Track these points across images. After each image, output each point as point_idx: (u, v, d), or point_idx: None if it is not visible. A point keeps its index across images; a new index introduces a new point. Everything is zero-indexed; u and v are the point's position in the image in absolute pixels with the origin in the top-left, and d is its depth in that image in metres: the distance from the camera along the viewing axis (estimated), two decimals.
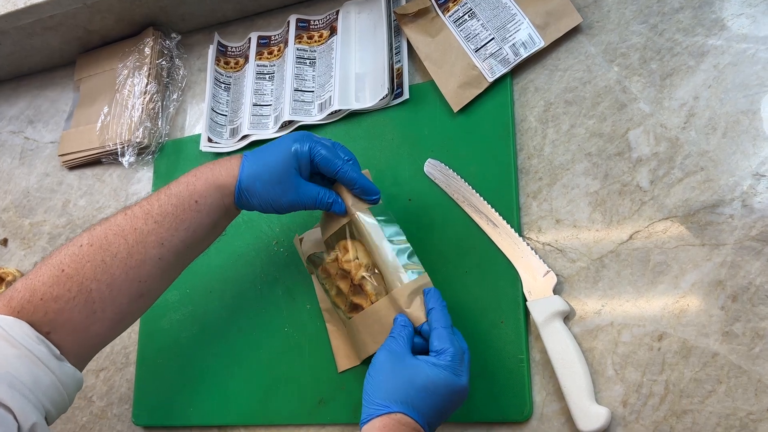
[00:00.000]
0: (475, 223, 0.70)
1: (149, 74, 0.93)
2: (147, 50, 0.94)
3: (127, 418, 0.83)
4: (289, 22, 0.88)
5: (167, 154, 0.92)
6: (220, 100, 0.89)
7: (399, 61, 0.80)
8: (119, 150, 0.92)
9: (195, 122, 0.93)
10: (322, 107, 0.82)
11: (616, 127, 0.68)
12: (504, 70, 0.73)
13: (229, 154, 0.86)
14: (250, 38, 0.91)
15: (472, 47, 0.74)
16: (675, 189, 0.64)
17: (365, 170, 0.74)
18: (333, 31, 0.86)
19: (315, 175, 0.67)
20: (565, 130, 0.70)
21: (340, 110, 0.80)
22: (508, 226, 0.69)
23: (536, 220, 0.69)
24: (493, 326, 0.67)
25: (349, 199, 0.66)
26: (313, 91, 0.84)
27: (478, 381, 0.66)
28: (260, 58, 0.90)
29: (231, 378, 0.77)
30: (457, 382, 0.57)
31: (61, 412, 0.59)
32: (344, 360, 0.72)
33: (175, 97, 0.94)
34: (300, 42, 0.87)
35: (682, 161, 0.65)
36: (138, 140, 0.90)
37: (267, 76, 0.88)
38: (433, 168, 0.74)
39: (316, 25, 0.88)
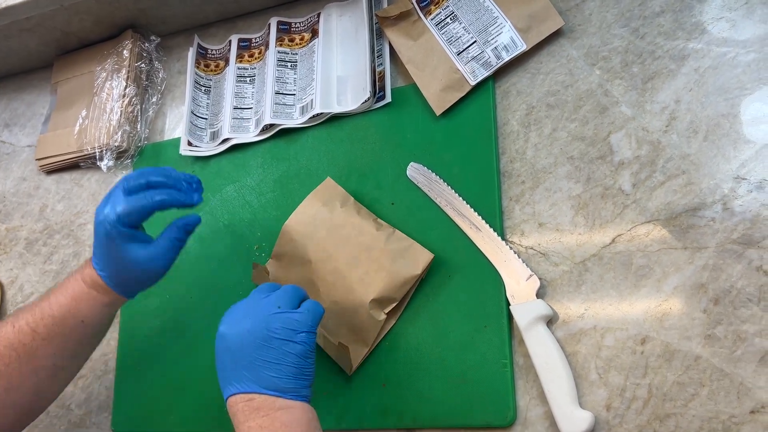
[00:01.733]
0: (458, 226, 0.70)
1: (128, 77, 0.92)
2: (126, 53, 0.93)
3: (107, 427, 0.82)
4: (270, 24, 0.88)
5: (146, 158, 0.91)
6: (200, 104, 0.88)
7: (381, 64, 0.80)
8: (97, 154, 0.90)
9: (175, 126, 0.92)
10: (303, 110, 0.81)
11: (598, 131, 0.68)
12: (486, 74, 0.73)
13: (209, 158, 0.85)
14: (230, 41, 0.90)
15: (454, 50, 0.74)
16: (657, 192, 0.64)
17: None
18: (314, 33, 0.85)
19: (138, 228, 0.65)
20: (547, 133, 0.70)
21: (321, 113, 0.80)
22: (491, 229, 0.68)
23: (519, 223, 0.69)
24: (476, 331, 0.66)
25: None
26: (294, 94, 0.83)
27: (462, 386, 0.65)
28: (241, 61, 0.89)
29: (212, 385, 0.74)
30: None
31: None
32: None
33: (154, 100, 0.93)
34: (281, 45, 0.86)
35: (664, 164, 0.65)
36: (117, 144, 0.89)
37: (248, 79, 0.88)
38: (415, 171, 0.74)
39: (298, 27, 0.87)
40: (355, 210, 0.73)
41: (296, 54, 0.86)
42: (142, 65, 0.93)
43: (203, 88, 0.89)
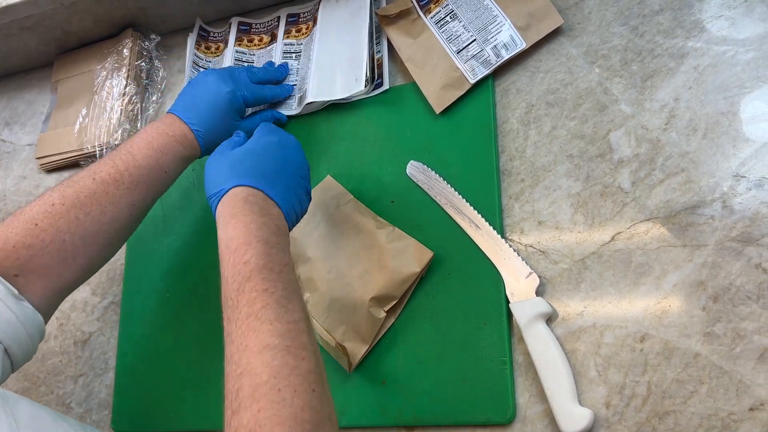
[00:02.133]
0: (458, 224, 0.70)
1: (128, 76, 0.92)
2: (126, 52, 0.93)
3: (107, 425, 0.82)
4: (279, 17, 0.88)
5: None
6: None
7: (380, 51, 0.80)
8: (98, 152, 0.90)
9: None
10: (300, 100, 0.81)
11: (598, 129, 0.68)
12: (486, 72, 0.73)
13: None
14: (230, 23, 0.91)
15: (454, 49, 0.74)
16: (656, 190, 0.64)
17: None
18: (315, 21, 0.85)
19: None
20: (546, 131, 0.70)
21: (314, 102, 0.80)
22: (491, 227, 0.68)
23: (518, 221, 0.69)
24: (475, 328, 0.66)
25: None
26: (296, 85, 0.83)
27: (461, 384, 0.65)
28: (240, 45, 0.89)
29: (212, 383, 0.76)
30: (270, 140, 0.64)
31: (26, 355, 0.62)
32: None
33: (154, 98, 0.93)
34: (288, 36, 0.86)
35: (663, 162, 0.65)
36: (117, 142, 0.89)
37: (245, 65, 0.87)
38: (415, 170, 0.74)
39: (305, 17, 0.87)
40: (354, 208, 0.73)
41: (301, 44, 0.86)
42: (143, 64, 0.93)
43: (202, 70, 0.89)
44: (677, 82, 0.67)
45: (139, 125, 0.91)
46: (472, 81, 0.73)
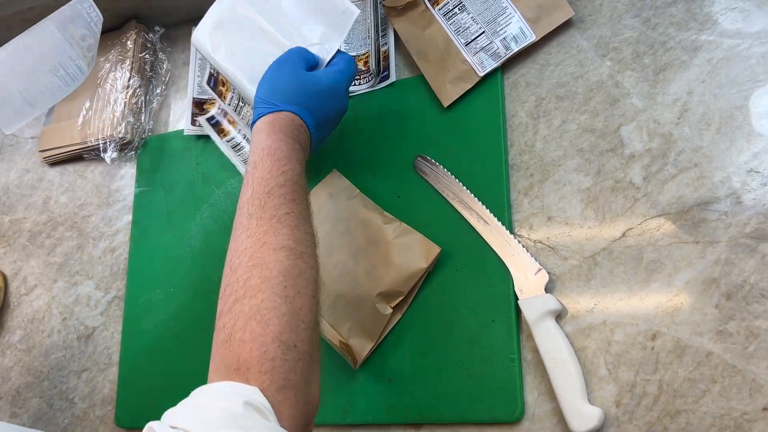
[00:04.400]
0: (466, 220, 0.69)
1: (132, 68, 0.91)
2: (129, 44, 0.92)
3: (110, 420, 0.81)
4: None
5: (150, 150, 0.90)
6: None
7: (386, 43, 0.78)
8: (101, 146, 0.89)
9: (179, 117, 0.91)
10: None
11: (609, 123, 0.67)
12: (494, 65, 0.72)
13: (214, 150, 0.84)
14: None
15: (462, 41, 0.73)
16: (668, 185, 0.63)
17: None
18: None
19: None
20: (556, 125, 0.69)
21: None
22: (499, 223, 0.67)
23: (527, 217, 0.68)
24: (483, 325, 0.65)
25: None
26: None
27: (469, 381, 0.65)
28: None
29: None
30: (341, 89, 0.65)
31: None
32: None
33: (158, 91, 0.92)
34: None
35: (676, 157, 0.64)
36: (120, 135, 0.88)
37: None
38: (422, 164, 0.73)
39: None
40: (361, 203, 0.72)
41: None
42: (147, 56, 0.92)
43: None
44: (690, 76, 0.65)
45: (143, 118, 0.90)
46: (481, 74, 0.72)
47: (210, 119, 0.85)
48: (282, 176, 0.57)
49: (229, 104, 0.84)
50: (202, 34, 0.72)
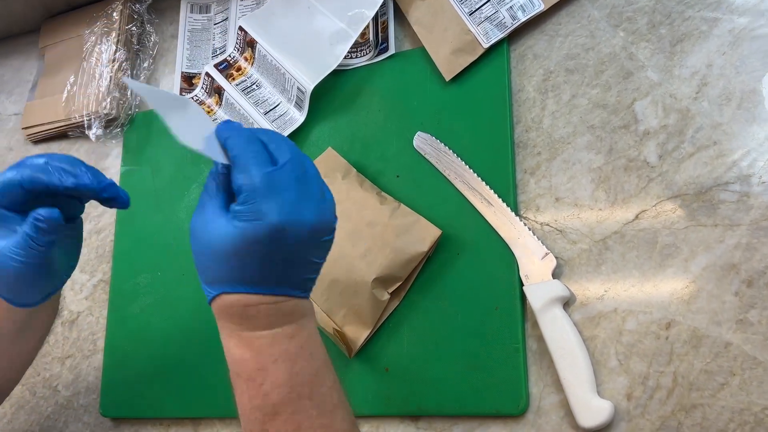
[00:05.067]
0: (468, 201, 0.65)
1: (118, 41, 0.87)
2: (115, 15, 0.88)
3: (95, 410, 0.78)
4: (207, 74, 0.81)
5: (138, 127, 0.86)
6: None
7: (384, 13, 0.74)
8: (86, 122, 0.86)
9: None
10: (301, 102, 0.75)
11: (622, 98, 0.63)
12: (500, 35, 0.67)
13: None
14: None
15: (466, 10, 0.69)
16: (685, 164, 0.59)
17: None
18: (249, 44, 0.78)
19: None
20: (566, 100, 0.65)
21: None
22: (504, 204, 0.64)
23: (534, 198, 0.64)
24: (486, 313, 0.62)
25: None
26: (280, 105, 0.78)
27: (471, 372, 0.61)
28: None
29: (206, 367, 0.72)
30: (261, 227, 0.41)
31: None
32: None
33: (146, 65, 0.88)
34: (233, 79, 0.79)
35: (694, 134, 0.60)
36: (105, 112, 0.85)
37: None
38: (422, 142, 0.69)
39: (234, 56, 0.81)
40: (357, 182, 0.68)
41: (252, 71, 0.79)
42: (133, 28, 0.88)
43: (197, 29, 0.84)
44: (710, 47, 0.61)
45: (129, 93, 0.86)
46: (486, 45, 0.68)
47: (219, 63, 0.80)
48: (266, 401, 0.43)
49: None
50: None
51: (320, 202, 0.44)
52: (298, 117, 0.75)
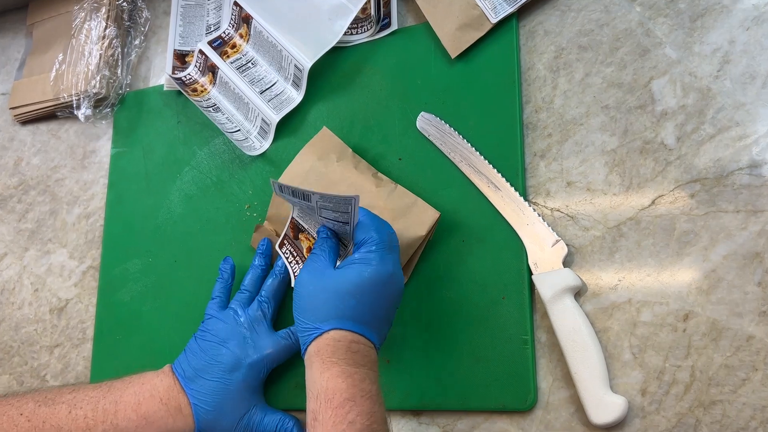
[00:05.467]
0: (474, 185, 0.62)
1: (108, 17, 0.83)
2: None
3: None
4: (201, 52, 0.77)
5: (128, 107, 0.82)
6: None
7: None
8: (74, 102, 0.82)
9: (159, 72, 0.83)
10: (298, 80, 0.72)
11: (638, 76, 0.60)
12: (509, 10, 0.64)
13: (195, 107, 0.76)
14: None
15: None
16: (705, 147, 0.56)
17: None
18: (245, 20, 0.75)
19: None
20: (578, 79, 0.62)
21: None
22: (512, 189, 0.60)
23: (544, 182, 0.61)
24: (493, 303, 0.59)
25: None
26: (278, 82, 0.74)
27: (476, 365, 0.58)
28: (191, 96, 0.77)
29: None
30: (382, 272, 0.51)
31: None
32: None
33: (137, 42, 0.84)
34: (227, 57, 0.76)
35: (714, 115, 0.56)
36: (95, 91, 0.81)
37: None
38: (426, 123, 0.65)
39: (229, 32, 0.77)
40: (352, 164, 0.65)
41: (248, 48, 0.76)
42: (124, 4, 0.84)
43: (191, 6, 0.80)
44: (732, 22, 0.57)
45: (119, 72, 0.83)
46: (494, 20, 0.64)
47: (213, 40, 0.76)
48: (350, 428, 0.47)
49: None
50: None
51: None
52: (296, 96, 0.72)
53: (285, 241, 0.62)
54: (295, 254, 0.61)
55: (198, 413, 0.59)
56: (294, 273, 0.60)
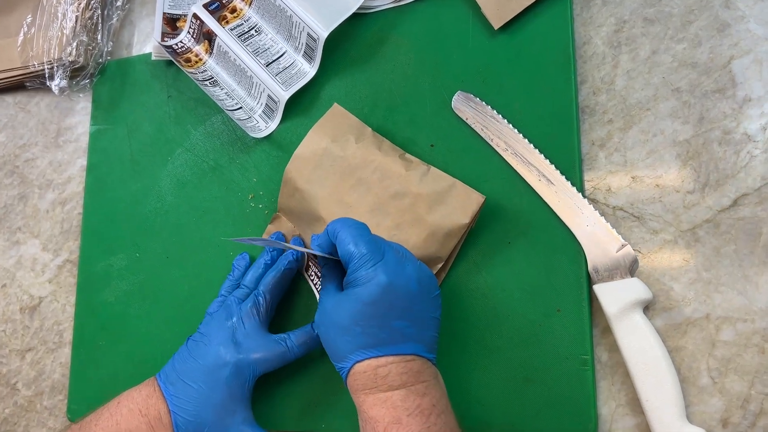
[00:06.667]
0: (522, 177, 0.54)
1: None
2: None
3: (62, 412, 0.68)
4: (195, 16, 0.67)
5: (110, 78, 0.73)
6: None
7: None
8: (47, 71, 0.73)
9: (146, 38, 0.73)
10: (311, 53, 0.62)
11: (716, 55, 0.52)
12: None
13: (190, 80, 0.67)
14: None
15: None
16: None
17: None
18: None
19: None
20: (644, 57, 0.54)
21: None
22: (568, 183, 0.53)
23: (605, 176, 0.53)
24: (546, 316, 0.52)
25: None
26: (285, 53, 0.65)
27: (525, 387, 0.51)
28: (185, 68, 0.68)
29: None
30: (373, 290, 0.46)
31: None
32: None
33: (119, 4, 0.75)
34: (227, 22, 0.66)
35: None
36: (71, 59, 0.72)
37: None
38: (464, 103, 0.57)
39: None
40: (375, 145, 0.56)
41: (250, 14, 0.66)
42: None
43: None
44: None
45: (99, 37, 0.73)
46: None
47: (210, 3, 0.66)
48: None
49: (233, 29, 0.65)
50: None
51: (416, 262, 0.49)
52: (308, 70, 0.62)
53: (310, 263, 0.55)
54: (320, 276, 0.54)
55: (177, 422, 0.53)
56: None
